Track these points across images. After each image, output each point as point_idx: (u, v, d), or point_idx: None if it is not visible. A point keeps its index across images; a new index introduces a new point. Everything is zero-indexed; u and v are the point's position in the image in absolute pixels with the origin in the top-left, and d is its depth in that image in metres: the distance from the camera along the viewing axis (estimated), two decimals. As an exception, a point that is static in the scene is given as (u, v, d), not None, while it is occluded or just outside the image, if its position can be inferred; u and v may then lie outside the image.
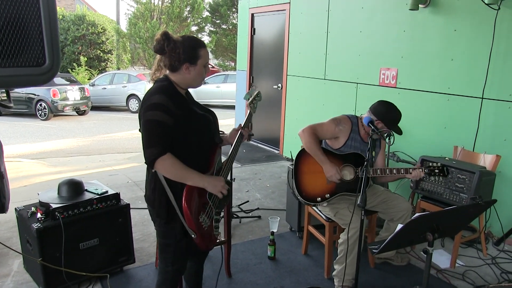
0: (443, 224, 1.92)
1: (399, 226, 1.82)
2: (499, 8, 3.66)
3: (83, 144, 9.05)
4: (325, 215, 3.14)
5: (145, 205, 2.15)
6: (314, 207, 3.29)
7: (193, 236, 2.00)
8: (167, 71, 2.08)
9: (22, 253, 3.05)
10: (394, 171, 2.92)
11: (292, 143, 6.57)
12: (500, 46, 3.73)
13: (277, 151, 7.14)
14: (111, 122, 12.37)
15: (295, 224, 3.86)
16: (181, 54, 1.99)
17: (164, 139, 1.93)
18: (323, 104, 5.89)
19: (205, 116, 2.14)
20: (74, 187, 3.05)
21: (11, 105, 1.58)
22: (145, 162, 1.96)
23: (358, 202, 2.29)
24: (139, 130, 2.05)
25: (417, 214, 1.81)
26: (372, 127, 2.74)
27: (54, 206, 2.83)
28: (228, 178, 2.44)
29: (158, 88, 2.00)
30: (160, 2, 19.18)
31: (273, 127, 7.15)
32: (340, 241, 2.96)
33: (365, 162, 2.47)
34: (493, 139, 3.84)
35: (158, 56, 2.08)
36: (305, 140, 3.02)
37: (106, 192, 3.10)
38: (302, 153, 3.12)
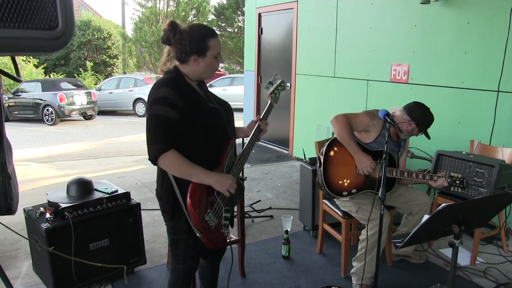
0: (470, 215, 1.83)
1: (425, 217, 1.73)
2: (514, -2, 3.57)
3: (91, 148, 9.02)
4: (341, 212, 3.05)
5: (155, 206, 2.08)
6: (329, 203, 3.20)
7: (198, 235, 1.91)
8: (177, 62, 1.99)
9: (38, 244, 2.91)
10: (420, 176, 2.83)
11: (302, 143, 6.48)
12: (516, 37, 3.63)
13: (286, 151, 7.06)
14: (118, 126, 12.35)
15: (309, 223, 3.77)
16: (188, 45, 1.89)
17: (168, 135, 1.85)
18: (333, 102, 5.80)
19: (216, 110, 2.03)
20: (83, 186, 2.99)
21: (21, 78, 1.50)
22: (148, 159, 1.89)
23: (379, 195, 2.20)
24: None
25: (443, 204, 1.73)
26: (389, 120, 2.67)
27: (63, 205, 2.77)
28: (241, 175, 2.35)
29: (165, 80, 1.92)
30: (165, 6, 19.21)
31: (282, 127, 7.07)
32: (361, 237, 2.86)
33: (383, 155, 2.39)
34: (510, 133, 3.74)
35: (167, 46, 2.00)
36: (338, 128, 2.87)
37: (116, 191, 3.04)
38: (334, 143, 2.96)
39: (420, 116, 2.94)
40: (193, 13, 19.60)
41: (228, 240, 2.15)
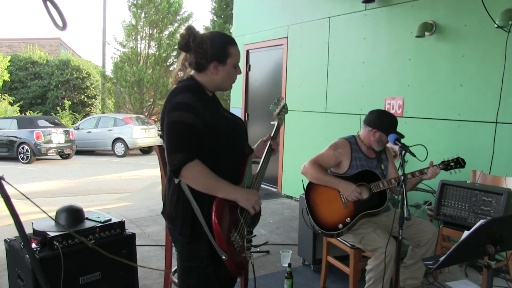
0: (506, 233, 1.72)
1: (465, 233, 1.61)
2: (509, 31, 3.66)
3: (70, 186, 8.66)
4: (349, 243, 2.91)
5: (145, 242, 1.88)
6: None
7: (223, 257, 1.70)
8: (192, 71, 1.86)
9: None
10: (409, 176, 2.75)
11: (292, 180, 6.37)
12: None
13: (275, 189, 6.90)
14: (96, 166, 11.99)
15: (309, 257, 3.59)
16: (209, 50, 1.77)
17: (192, 143, 1.67)
18: (324, 138, 5.75)
19: (236, 121, 1.90)
20: (74, 214, 2.78)
21: None
22: (169, 170, 1.71)
23: (406, 216, 2.09)
24: (160, 137, 1.81)
25: (481, 221, 1.62)
26: (400, 145, 2.60)
27: (52, 234, 2.54)
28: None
29: (185, 86, 1.77)
30: (146, 47, 19.33)
31: (271, 164, 6.88)
32: (368, 267, 2.72)
33: (402, 177, 2.29)
34: (509, 163, 3.72)
35: (182, 55, 1.87)
36: (310, 173, 2.89)
37: (110, 220, 2.82)
38: (310, 187, 2.95)
39: (377, 121, 2.92)
40: (174, 54, 19.75)
41: (250, 261, 1.92)
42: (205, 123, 1.71)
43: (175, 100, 1.71)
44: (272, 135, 2.13)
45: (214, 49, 1.79)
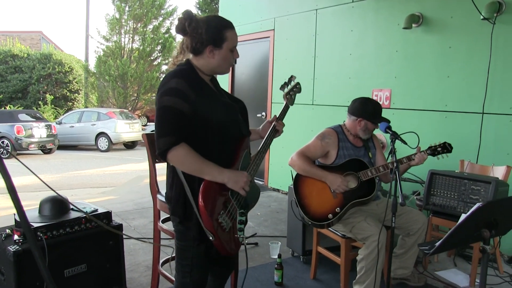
0: (502, 218, 1.71)
1: (463, 216, 1.60)
2: (494, 23, 3.68)
3: (52, 180, 8.47)
4: (340, 232, 2.89)
5: (132, 234, 1.85)
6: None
7: (211, 238, 1.73)
8: (190, 55, 1.86)
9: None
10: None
11: (279, 173, 6.35)
12: (497, 60, 3.72)
13: (262, 182, 6.87)
14: (79, 161, 11.79)
15: (299, 249, 3.56)
16: (204, 34, 1.78)
17: (179, 127, 1.71)
18: (311, 130, 5.72)
19: (229, 105, 1.90)
20: (58, 204, 2.69)
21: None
22: (157, 153, 1.74)
23: (400, 201, 2.07)
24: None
25: (477, 204, 1.61)
26: (391, 133, 2.59)
27: (36, 225, 2.45)
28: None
29: (177, 72, 1.79)
30: (130, 41, 19.06)
31: (257, 157, 6.90)
32: (359, 257, 2.70)
33: (395, 163, 2.28)
34: (495, 153, 3.76)
35: (182, 39, 1.87)
36: (297, 165, 2.87)
37: (96, 210, 2.75)
38: (298, 178, 2.92)
39: (361, 109, 2.91)
40: (158, 49, 19.53)
41: (244, 245, 1.93)
42: (195, 108, 1.74)
43: (166, 85, 1.74)
44: (278, 115, 2.14)
45: (209, 33, 1.79)
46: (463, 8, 3.92)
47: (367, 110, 2.89)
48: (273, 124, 2.10)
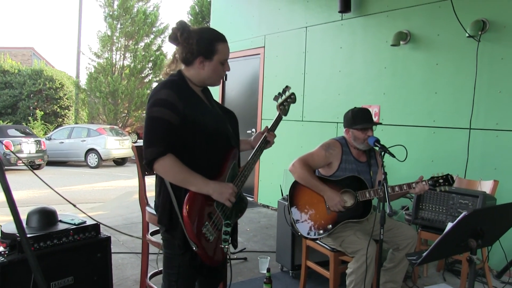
0: (488, 226, 1.73)
1: (449, 225, 1.62)
2: (479, 40, 3.78)
3: (40, 195, 8.38)
4: (329, 246, 2.89)
5: (119, 249, 1.85)
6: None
7: (194, 248, 1.74)
8: (182, 66, 1.89)
9: None
10: (397, 189, 2.74)
11: (268, 189, 6.34)
12: (483, 76, 3.81)
13: (251, 198, 6.85)
14: (68, 177, 11.68)
15: (288, 263, 3.55)
16: (195, 45, 1.81)
17: (166, 138, 1.74)
18: (301, 146, 5.76)
19: (219, 116, 1.93)
20: (46, 216, 2.66)
21: None
22: (144, 163, 1.76)
23: (388, 212, 2.08)
24: None
25: (464, 213, 1.63)
26: (379, 146, 2.61)
27: (22, 237, 2.42)
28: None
29: (167, 82, 1.82)
30: (122, 58, 19.11)
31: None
32: (348, 271, 2.69)
33: (383, 175, 2.30)
34: (482, 168, 3.81)
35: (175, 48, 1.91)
36: (297, 173, 2.83)
37: (84, 222, 2.73)
38: (295, 186, 2.90)
39: (345, 120, 2.95)
40: (149, 66, 19.59)
41: (228, 257, 1.93)
42: (183, 119, 1.76)
43: (156, 96, 1.78)
44: (269, 126, 2.14)
45: (201, 45, 1.82)
46: (449, 26, 4.02)
47: (347, 118, 2.93)
48: (264, 135, 2.10)
